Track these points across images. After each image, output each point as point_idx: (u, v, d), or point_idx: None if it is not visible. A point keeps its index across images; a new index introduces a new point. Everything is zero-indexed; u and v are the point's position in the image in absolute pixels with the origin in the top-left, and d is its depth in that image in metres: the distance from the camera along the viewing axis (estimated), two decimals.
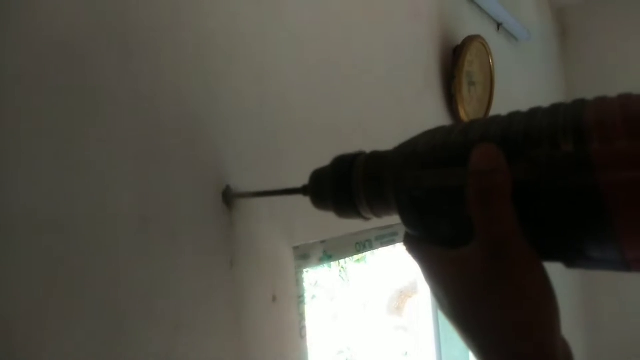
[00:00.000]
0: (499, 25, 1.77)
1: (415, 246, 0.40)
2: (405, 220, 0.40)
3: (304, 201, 0.55)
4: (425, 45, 1.24)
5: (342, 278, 5.48)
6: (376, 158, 0.44)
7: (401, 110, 1.08)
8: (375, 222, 0.93)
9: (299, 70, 0.76)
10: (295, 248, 0.72)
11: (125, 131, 0.49)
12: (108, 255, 0.47)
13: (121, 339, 0.47)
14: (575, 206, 0.31)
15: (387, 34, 1.05)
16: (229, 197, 0.61)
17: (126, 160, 0.49)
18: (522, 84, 2.01)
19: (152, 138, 0.52)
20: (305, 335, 0.73)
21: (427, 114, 1.21)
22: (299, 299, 0.72)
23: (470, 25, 1.51)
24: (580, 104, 0.33)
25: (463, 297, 0.35)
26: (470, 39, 1.32)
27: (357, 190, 0.43)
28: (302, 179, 0.75)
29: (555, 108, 0.34)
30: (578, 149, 0.30)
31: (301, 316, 0.72)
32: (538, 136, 0.33)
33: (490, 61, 1.44)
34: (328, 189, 0.46)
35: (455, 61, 1.30)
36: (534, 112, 0.35)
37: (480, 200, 0.33)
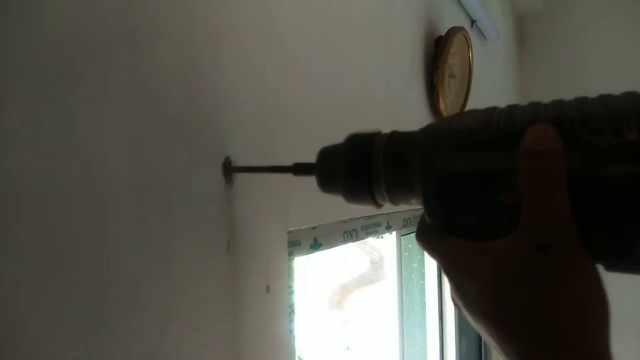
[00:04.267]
0: (472, 22, 1.76)
1: (436, 238, 0.35)
2: (431, 208, 0.34)
3: (297, 182, 0.48)
4: (412, 33, 1.19)
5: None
6: (400, 138, 0.38)
7: (390, 96, 1.03)
8: (362, 212, 0.87)
9: (301, 55, 0.69)
10: (289, 232, 0.65)
11: (120, 94, 0.40)
12: (95, 229, 0.38)
13: (106, 328, 0.38)
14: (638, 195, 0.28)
15: (380, 19, 1.00)
16: (228, 170, 0.53)
17: (119, 125, 0.40)
18: (487, 83, 2.02)
19: (149, 102, 0.44)
20: (294, 330, 0.66)
21: (412, 102, 1.17)
22: (290, 289, 0.65)
23: (448, 18, 1.48)
24: (636, 95, 0.30)
25: (501, 294, 0.30)
26: (454, 30, 1.30)
27: (376, 173, 0.37)
28: (300, 156, 0.68)
29: (606, 98, 0.31)
30: None
31: (291, 309, 0.66)
32: (597, 122, 0.29)
33: (470, 55, 1.42)
34: (340, 169, 0.39)
35: (438, 52, 1.27)
36: (582, 101, 0.32)
37: (535, 183, 0.29)
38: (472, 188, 0.32)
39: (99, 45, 0.39)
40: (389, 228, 1.02)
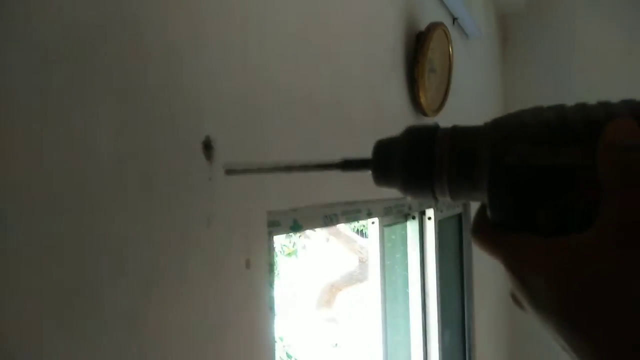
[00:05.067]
0: (454, 20, 1.80)
1: (499, 234, 0.34)
2: (497, 203, 0.34)
3: None
4: (392, 28, 1.22)
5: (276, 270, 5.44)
6: (465, 131, 0.37)
7: (370, 90, 1.06)
8: (341, 197, 0.90)
9: (281, 36, 0.71)
10: (269, 213, 0.67)
11: (103, 72, 0.43)
12: (78, 198, 0.40)
13: (89, 288, 0.41)
14: None
15: (361, 13, 1.03)
16: (209, 149, 0.55)
17: (102, 101, 0.43)
18: (469, 81, 2.07)
19: (131, 80, 0.46)
20: (273, 307, 0.69)
21: (393, 94, 1.20)
22: (270, 267, 0.68)
23: (430, 15, 1.52)
24: None
25: (578, 290, 0.30)
26: (434, 26, 1.33)
27: (439, 166, 0.36)
28: (283, 143, 0.71)
29: None
30: None
31: (271, 285, 0.68)
32: None
33: (450, 50, 1.46)
34: (399, 162, 0.37)
35: (419, 46, 1.30)
36: None
37: (620, 177, 0.29)
38: (546, 182, 0.32)
39: (84, 25, 0.41)
40: (369, 215, 1.05)
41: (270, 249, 0.69)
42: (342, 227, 4.95)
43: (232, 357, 0.59)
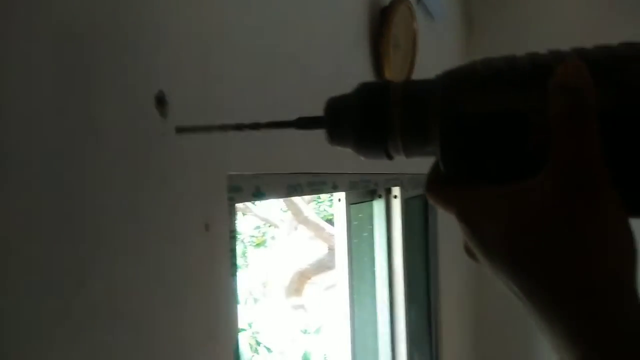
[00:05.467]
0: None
1: (451, 187, 0.34)
2: (449, 155, 0.33)
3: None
4: (357, 1, 1.21)
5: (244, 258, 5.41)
6: (417, 83, 0.36)
7: (335, 59, 1.05)
8: (307, 168, 0.88)
9: (242, 4, 0.69)
10: (229, 176, 0.65)
11: (43, 17, 0.39)
12: (18, 149, 0.37)
13: (33, 243, 0.38)
14: None
15: None
16: (162, 103, 0.52)
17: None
18: (434, 62, 2.08)
19: (75, 28, 0.43)
20: (235, 274, 0.67)
21: (357, 67, 1.19)
22: (231, 234, 0.66)
23: None
24: None
25: (528, 234, 0.29)
26: (398, 1, 1.32)
27: (391, 121, 0.35)
28: (241, 103, 0.68)
29: (636, 43, 0.31)
30: None
31: (233, 253, 0.66)
32: (623, 62, 0.30)
33: (415, 26, 1.46)
34: (353, 118, 0.36)
35: (383, 21, 1.29)
36: (611, 46, 0.32)
37: (568, 119, 0.29)
38: (497, 129, 0.31)
39: None
40: (334, 188, 1.03)
41: (232, 215, 0.66)
42: (311, 214, 4.94)
43: (191, 320, 0.56)
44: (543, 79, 0.30)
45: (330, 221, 6.40)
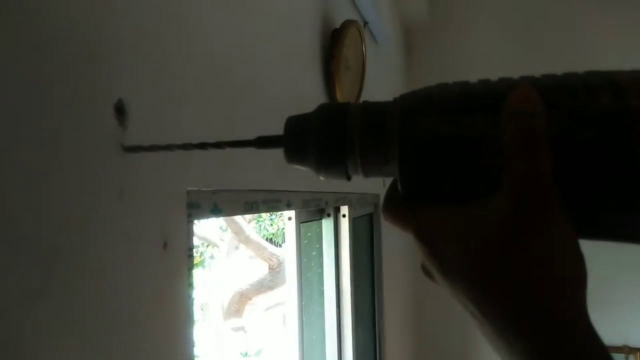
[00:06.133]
0: (365, 23, 1.85)
1: (408, 207, 0.34)
2: (407, 175, 0.34)
3: (198, 140, 0.47)
4: (310, 21, 1.22)
5: None
6: (376, 105, 0.37)
7: (288, 76, 1.05)
8: (263, 185, 0.87)
9: (202, 9, 0.67)
10: (188, 192, 0.62)
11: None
12: None
13: None
14: (610, 159, 0.29)
15: (281, 2, 1.01)
16: (122, 113, 0.50)
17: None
18: (379, 84, 2.13)
19: (30, 29, 0.40)
20: (192, 294, 0.64)
21: (309, 86, 1.20)
22: (189, 252, 0.63)
23: (343, 14, 1.54)
24: (609, 71, 0.32)
25: (478, 253, 0.30)
26: (349, 23, 1.35)
27: (351, 142, 0.36)
28: (198, 115, 0.66)
29: (578, 74, 0.33)
30: (617, 103, 0.29)
31: (190, 272, 0.63)
32: (573, 89, 0.31)
33: (364, 49, 1.49)
34: (313, 139, 0.37)
35: (334, 42, 1.31)
36: (556, 75, 0.33)
37: (518, 143, 0.30)
38: (451, 152, 0.32)
39: None
40: (288, 206, 1.02)
41: (189, 233, 0.64)
42: (252, 234, 4.87)
43: (147, 342, 0.53)
44: (496, 105, 0.32)
45: (271, 240, 6.33)
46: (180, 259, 0.60)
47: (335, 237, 1.58)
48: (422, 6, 2.92)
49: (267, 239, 5.75)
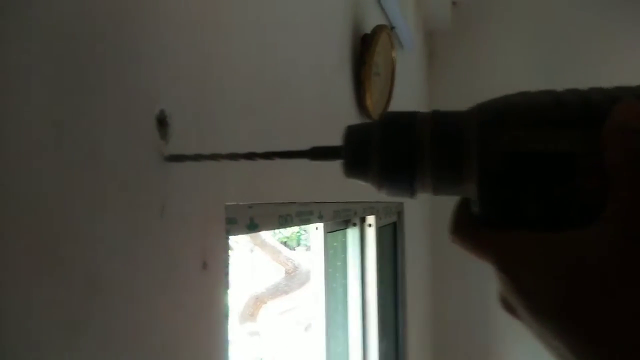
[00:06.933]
0: (392, 28, 1.81)
1: (486, 231, 0.30)
2: (488, 196, 0.30)
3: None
4: (340, 27, 1.19)
5: None
6: (448, 115, 0.33)
7: (319, 84, 1.01)
8: (296, 197, 0.83)
9: (237, 18, 0.64)
10: (227, 207, 0.59)
11: (42, 28, 0.33)
12: (4, 165, 0.30)
13: (14, 295, 0.31)
14: None
15: (313, 8, 0.98)
16: (164, 125, 0.46)
17: (38, 59, 0.33)
18: (405, 90, 2.09)
19: (75, 39, 0.37)
20: (228, 315, 0.60)
21: (339, 94, 1.16)
22: (226, 271, 0.59)
23: (372, 19, 1.51)
24: None
25: (582, 290, 0.27)
26: (380, 28, 1.32)
27: (420, 156, 0.32)
28: (237, 126, 0.63)
29: None
30: None
31: (226, 292, 0.60)
32: None
33: (393, 55, 1.45)
34: (377, 152, 0.33)
35: (366, 48, 1.28)
36: None
37: (628, 164, 0.26)
38: (542, 170, 0.29)
39: None
40: (320, 218, 0.99)
41: (226, 249, 0.60)
42: (268, 237, 4.84)
43: None
44: (594, 119, 0.28)
45: (286, 244, 6.30)
46: (218, 279, 0.56)
47: (361, 248, 1.54)
48: (445, 11, 2.87)
49: (282, 243, 5.72)
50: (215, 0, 0.59)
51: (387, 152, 0.33)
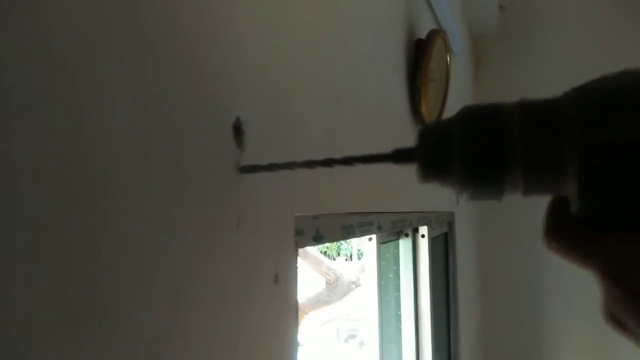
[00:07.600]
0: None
1: (590, 235, 0.27)
2: (593, 194, 0.27)
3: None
4: (397, 32, 1.16)
5: None
6: (539, 105, 0.29)
7: (377, 90, 0.98)
8: (357, 207, 0.81)
9: (304, 27, 0.62)
10: (296, 217, 0.57)
11: (123, 40, 0.32)
12: (91, 184, 0.29)
13: (102, 315, 0.29)
14: None
15: (371, 12, 0.96)
16: (239, 133, 0.45)
17: (120, 73, 0.32)
18: (457, 96, 2.03)
19: (155, 52, 0.35)
20: (297, 328, 0.58)
21: (395, 100, 1.13)
22: (295, 284, 0.57)
23: (425, 24, 1.47)
24: None
25: None
26: (435, 33, 1.28)
27: (511, 152, 0.28)
28: (307, 133, 0.61)
29: None
30: None
31: (296, 306, 0.57)
32: None
33: (448, 59, 1.41)
34: (459, 151, 0.30)
35: (421, 53, 1.24)
36: None
37: None
38: None
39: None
40: (379, 229, 0.95)
41: (296, 262, 0.58)
42: (309, 247, 4.83)
43: None
44: None
45: (326, 254, 6.26)
46: (290, 293, 0.54)
47: (414, 259, 1.49)
48: (493, 16, 2.79)
49: (322, 253, 5.69)
50: (288, 14, 0.57)
51: (470, 150, 0.29)
